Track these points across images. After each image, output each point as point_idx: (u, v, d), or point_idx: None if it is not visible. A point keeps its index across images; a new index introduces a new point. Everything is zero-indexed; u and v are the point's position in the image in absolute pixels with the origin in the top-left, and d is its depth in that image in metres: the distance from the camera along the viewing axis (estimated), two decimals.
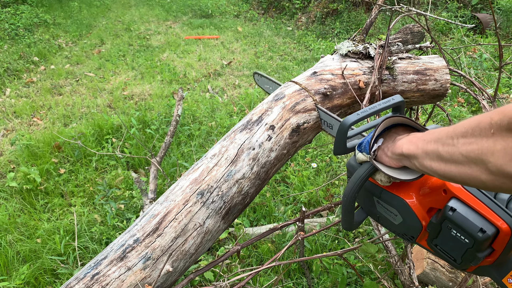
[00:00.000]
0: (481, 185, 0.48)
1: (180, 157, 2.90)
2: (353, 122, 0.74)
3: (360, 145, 0.73)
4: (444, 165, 0.52)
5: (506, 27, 4.96)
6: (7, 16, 6.24)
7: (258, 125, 1.18)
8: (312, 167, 2.72)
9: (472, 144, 0.47)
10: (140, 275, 1.00)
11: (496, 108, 0.45)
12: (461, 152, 0.49)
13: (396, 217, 0.74)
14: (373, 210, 0.80)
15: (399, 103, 0.76)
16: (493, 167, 0.44)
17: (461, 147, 0.49)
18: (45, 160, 2.88)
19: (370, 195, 0.78)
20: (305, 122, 1.23)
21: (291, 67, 4.87)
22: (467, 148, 0.48)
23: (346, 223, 0.80)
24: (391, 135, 0.69)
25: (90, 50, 5.68)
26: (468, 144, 0.47)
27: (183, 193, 1.08)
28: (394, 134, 0.69)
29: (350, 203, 0.75)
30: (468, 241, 0.61)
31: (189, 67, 4.97)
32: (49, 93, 4.22)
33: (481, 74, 3.71)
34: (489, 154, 0.44)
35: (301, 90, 1.26)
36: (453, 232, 0.63)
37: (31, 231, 2.25)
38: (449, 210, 0.62)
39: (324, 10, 6.64)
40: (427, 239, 0.70)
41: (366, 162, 0.72)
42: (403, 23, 5.63)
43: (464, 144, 0.48)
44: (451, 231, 0.63)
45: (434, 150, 0.54)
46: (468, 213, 0.61)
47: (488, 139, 0.45)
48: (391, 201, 0.73)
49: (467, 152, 0.48)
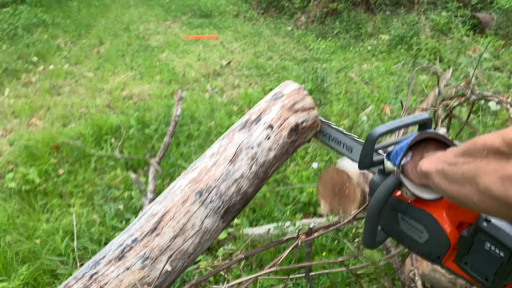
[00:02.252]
0: (474, 206, 0.48)
1: (180, 158, 2.90)
2: (382, 133, 0.71)
3: (389, 154, 0.71)
4: (448, 184, 0.52)
5: (506, 26, 4.96)
6: (5, 16, 6.23)
7: (256, 124, 1.18)
8: (312, 167, 2.72)
9: (470, 163, 0.48)
10: (138, 274, 0.99)
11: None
12: (461, 171, 0.49)
13: (421, 234, 0.69)
14: (396, 228, 0.75)
15: (426, 120, 0.74)
16: (483, 187, 0.44)
17: (461, 167, 0.49)
18: (44, 160, 2.88)
19: (394, 211, 0.74)
20: (304, 121, 1.22)
21: (291, 67, 4.86)
22: (465, 167, 0.48)
23: (369, 239, 0.75)
24: (420, 151, 0.68)
25: (89, 50, 5.68)
26: (466, 164, 0.48)
27: (181, 193, 1.07)
28: (423, 150, 0.68)
29: (375, 216, 0.70)
30: (503, 255, 0.57)
31: (189, 67, 4.96)
32: (48, 93, 4.21)
33: (481, 73, 3.71)
34: (481, 174, 0.45)
35: (300, 89, 1.26)
36: (487, 246, 0.59)
37: (30, 232, 2.24)
38: (484, 221, 0.58)
39: (323, 10, 6.64)
40: (456, 257, 0.66)
41: (394, 173, 0.69)
42: (403, 23, 5.63)
43: (463, 164, 0.49)
44: (484, 245, 0.59)
45: (442, 168, 0.54)
46: (504, 224, 0.57)
47: (482, 159, 0.45)
48: (417, 216, 0.68)
49: (463, 171, 0.48)
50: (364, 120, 3.21)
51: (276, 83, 4.20)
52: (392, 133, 0.82)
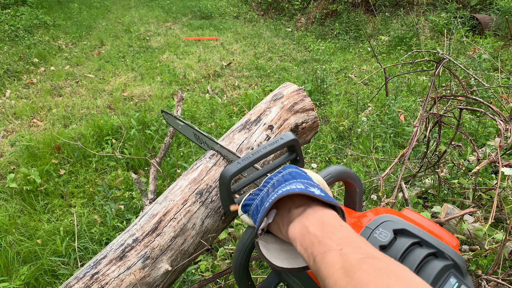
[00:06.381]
0: None
1: (180, 158, 2.91)
2: (234, 174, 0.64)
3: (246, 206, 0.60)
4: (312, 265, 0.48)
5: (505, 27, 4.97)
6: (7, 17, 6.25)
7: (256, 125, 1.19)
8: (312, 167, 2.73)
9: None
10: (139, 274, 1.00)
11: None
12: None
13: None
14: (282, 278, 0.66)
15: (291, 142, 0.67)
16: None
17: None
18: (45, 161, 2.89)
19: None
20: (303, 122, 1.23)
21: (291, 68, 4.88)
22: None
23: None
24: (286, 203, 0.56)
25: (90, 51, 5.69)
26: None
27: (182, 193, 1.08)
28: (289, 202, 0.56)
29: (240, 277, 0.62)
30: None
31: (189, 68, 4.97)
32: (49, 94, 4.23)
33: (480, 74, 3.72)
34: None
35: (299, 90, 1.27)
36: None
37: (31, 232, 2.25)
38: None
39: (323, 11, 6.66)
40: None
41: (253, 227, 0.60)
42: (402, 24, 5.64)
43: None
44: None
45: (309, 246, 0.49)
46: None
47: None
48: (295, 274, 0.61)
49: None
50: (364, 120, 3.21)
51: (276, 84, 4.21)
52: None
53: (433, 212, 1.96)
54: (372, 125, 3.11)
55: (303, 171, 0.60)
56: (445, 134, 2.87)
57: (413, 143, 1.59)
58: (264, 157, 0.66)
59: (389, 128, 3.02)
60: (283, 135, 0.68)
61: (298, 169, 0.60)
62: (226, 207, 0.68)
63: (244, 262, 0.61)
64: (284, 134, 0.68)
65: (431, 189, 2.28)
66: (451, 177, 2.17)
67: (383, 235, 0.52)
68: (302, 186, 0.54)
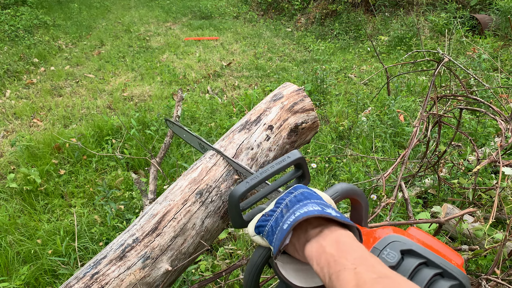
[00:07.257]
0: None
1: (180, 158, 2.91)
2: (242, 194, 0.65)
3: (259, 227, 0.60)
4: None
5: (505, 27, 4.97)
6: (7, 17, 6.25)
7: (256, 125, 1.19)
8: (311, 167, 2.73)
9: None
10: (139, 274, 1.00)
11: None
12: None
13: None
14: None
15: (298, 160, 0.68)
16: None
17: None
18: (45, 161, 2.89)
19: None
20: (303, 122, 1.23)
21: (291, 68, 4.88)
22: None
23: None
24: (302, 224, 0.57)
25: (90, 51, 5.70)
26: None
27: (182, 193, 1.08)
28: (305, 223, 0.57)
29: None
30: None
31: (189, 68, 4.98)
32: (49, 94, 4.23)
33: (480, 74, 3.72)
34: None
35: (299, 90, 1.27)
36: None
37: (31, 232, 2.25)
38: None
39: (323, 11, 6.66)
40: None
41: (263, 247, 0.61)
42: (402, 24, 5.64)
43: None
44: None
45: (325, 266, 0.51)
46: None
47: None
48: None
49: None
50: (364, 120, 3.22)
51: (276, 84, 4.21)
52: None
53: (433, 212, 1.96)
54: (372, 125, 3.11)
55: (314, 191, 0.61)
56: (445, 134, 2.87)
57: (413, 143, 1.59)
58: (272, 175, 0.67)
59: (388, 128, 3.03)
60: (290, 154, 0.69)
61: (308, 189, 0.62)
62: (235, 224, 0.70)
63: (255, 283, 0.62)
64: (291, 153, 0.69)
65: (431, 189, 2.28)
66: (451, 177, 2.17)
67: (390, 255, 0.53)
68: (319, 208, 0.56)
